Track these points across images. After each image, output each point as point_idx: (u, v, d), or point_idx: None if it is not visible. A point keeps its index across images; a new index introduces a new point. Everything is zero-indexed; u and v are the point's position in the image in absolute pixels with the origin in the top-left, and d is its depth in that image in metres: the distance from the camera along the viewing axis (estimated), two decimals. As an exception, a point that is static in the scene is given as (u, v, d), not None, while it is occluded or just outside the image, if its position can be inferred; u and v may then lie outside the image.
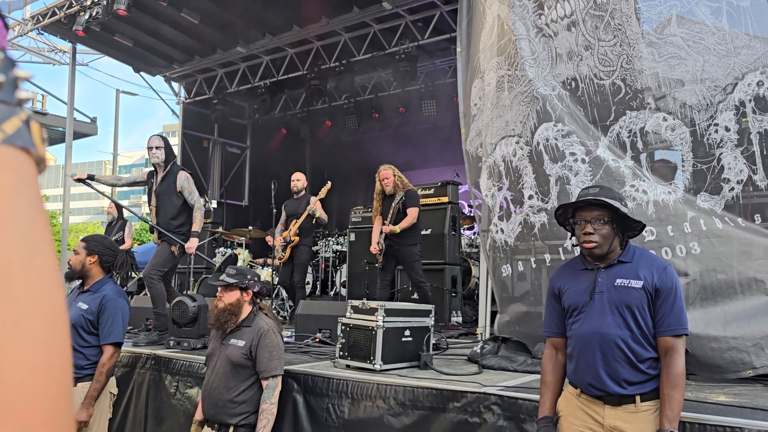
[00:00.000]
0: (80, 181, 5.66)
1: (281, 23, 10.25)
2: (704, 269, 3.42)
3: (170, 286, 5.76)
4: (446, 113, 11.32)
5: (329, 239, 10.01)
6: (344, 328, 4.01)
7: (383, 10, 9.31)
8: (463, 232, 8.66)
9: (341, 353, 3.98)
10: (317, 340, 5.16)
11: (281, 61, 11.43)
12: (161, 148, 5.63)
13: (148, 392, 4.70)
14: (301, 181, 7.86)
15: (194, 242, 5.49)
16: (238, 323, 3.54)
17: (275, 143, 13.94)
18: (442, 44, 10.16)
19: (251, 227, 9.50)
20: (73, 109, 12.02)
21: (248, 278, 3.60)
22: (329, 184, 7.72)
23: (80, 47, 11.82)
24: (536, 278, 4.20)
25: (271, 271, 8.51)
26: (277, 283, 8.47)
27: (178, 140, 12.93)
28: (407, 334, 4.00)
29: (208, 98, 12.51)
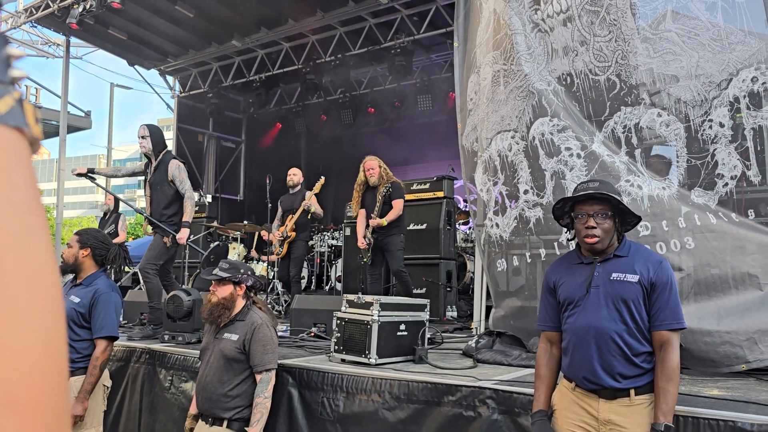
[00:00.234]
0: (81, 175, 5.66)
1: (276, 17, 10.22)
2: (698, 264, 3.44)
3: (170, 277, 5.71)
4: (442, 108, 11.33)
5: (324, 234, 10.01)
6: (339, 322, 4.02)
7: (379, 4, 9.29)
8: (458, 226, 8.67)
9: (336, 347, 3.99)
10: (312, 334, 5.16)
11: (276, 55, 11.39)
12: (147, 137, 5.60)
13: (142, 386, 4.70)
14: (297, 176, 7.89)
15: (185, 233, 5.43)
16: (231, 317, 3.54)
17: (270, 137, 13.91)
18: (437, 39, 10.15)
19: (246, 222, 9.49)
20: (66, 102, 11.96)
21: (241, 272, 3.59)
22: (323, 179, 7.75)
23: (74, 40, 11.74)
24: (531, 273, 4.21)
25: (266, 265, 8.51)
26: (272, 277, 8.47)
27: (172, 134, 12.89)
28: (402, 328, 4.01)
29: (202, 92, 12.47)
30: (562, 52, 4.03)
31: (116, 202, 9.51)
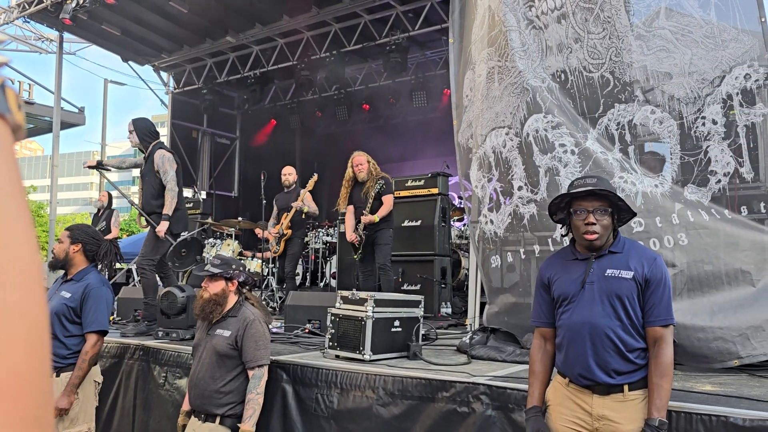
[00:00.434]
0: (92, 167, 5.77)
1: (271, 13, 10.18)
2: (691, 260, 3.45)
3: (168, 272, 5.68)
4: (437, 105, 11.32)
5: (319, 230, 10.00)
6: (334, 318, 4.02)
7: (374, 0, 9.27)
8: (453, 223, 8.67)
9: (331, 343, 3.99)
10: (307, 330, 5.16)
11: (271, 51, 11.36)
12: (132, 131, 5.67)
13: (136, 383, 4.69)
14: (292, 175, 7.95)
15: (163, 225, 5.40)
16: (223, 313, 3.53)
17: (265, 134, 13.88)
18: (432, 35, 10.14)
19: (241, 218, 9.47)
20: (60, 98, 11.90)
21: (233, 268, 3.58)
22: (316, 176, 7.76)
23: (67, 36, 11.68)
24: (525, 269, 4.22)
25: (260, 262, 8.50)
26: (266, 274, 8.47)
27: (167, 130, 12.83)
28: (397, 324, 4.02)
29: (197, 88, 12.42)
30: (556, 49, 4.04)
31: (110, 198, 9.49)
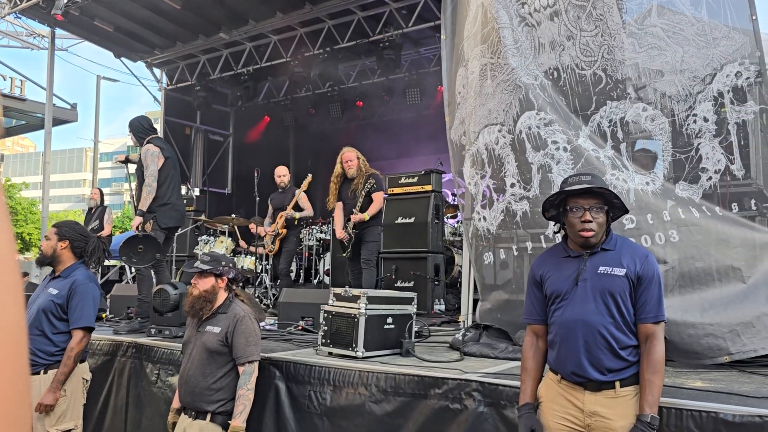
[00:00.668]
0: (122, 162, 6.13)
1: (264, 9, 10.15)
2: (683, 257, 3.47)
3: (162, 268, 5.73)
4: (430, 102, 11.33)
5: (313, 228, 9.99)
6: (327, 315, 4.02)
7: (367, -4, 9.27)
8: (446, 220, 8.68)
9: (323, 341, 3.99)
10: (300, 327, 5.16)
11: (264, 47, 11.32)
12: (130, 131, 5.80)
13: (128, 380, 4.68)
14: (285, 176, 8.04)
15: (136, 220, 5.46)
16: (213, 310, 3.52)
17: (258, 131, 13.84)
18: (426, 32, 10.13)
19: (234, 215, 9.45)
20: (52, 94, 11.83)
21: (223, 264, 3.58)
22: (310, 176, 7.77)
23: (59, 32, 11.61)
24: (518, 266, 4.23)
25: (254, 258, 8.50)
26: (260, 271, 8.46)
27: (160, 127, 12.78)
28: (389, 321, 4.02)
29: (190, 85, 12.38)
30: (549, 46, 4.04)
31: (101, 196, 9.47)
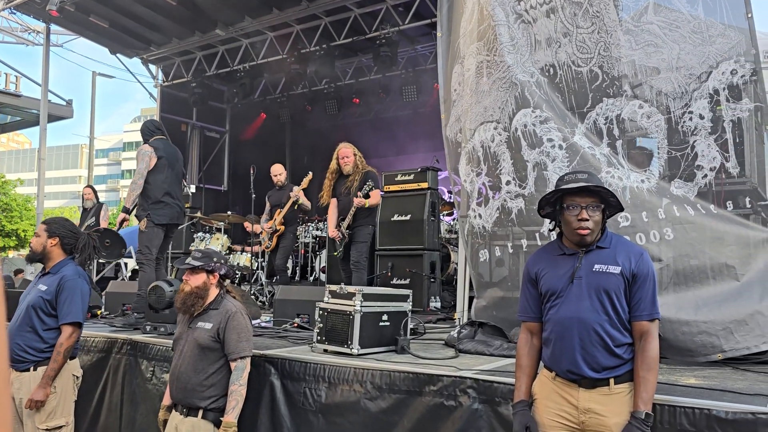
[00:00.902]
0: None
1: (261, 6, 10.12)
2: (677, 255, 3.48)
3: (160, 265, 5.82)
4: (427, 99, 11.31)
5: (309, 225, 9.99)
6: (322, 312, 4.02)
7: (364, -7, 9.26)
8: (442, 217, 8.68)
9: (319, 338, 3.99)
10: (295, 325, 5.16)
11: (261, 44, 11.29)
12: (142, 136, 6.04)
13: (123, 377, 4.67)
14: (282, 174, 8.06)
15: (120, 216, 5.82)
16: (205, 306, 3.52)
17: (255, 128, 13.82)
18: (423, 29, 10.13)
19: (230, 212, 9.44)
20: (47, 91, 11.79)
21: (214, 261, 3.57)
22: (311, 174, 7.76)
23: (54, 28, 11.55)
24: (513, 264, 4.23)
25: (250, 256, 8.49)
26: (256, 268, 8.45)
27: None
28: (385, 318, 4.02)
29: (186, 81, 12.35)
30: (545, 43, 4.04)
31: (95, 194, 9.49)
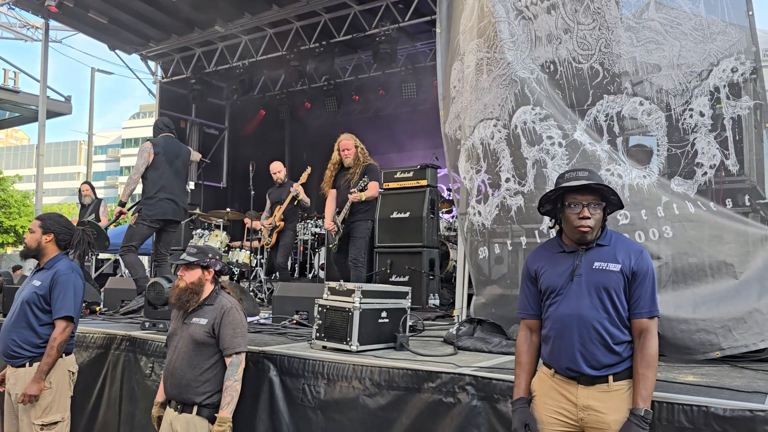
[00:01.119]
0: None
1: (260, 2, 10.10)
2: (676, 253, 3.48)
3: (162, 261, 6.04)
4: (426, 96, 11.29)
5: (308, 222, 9.98)
6: (321, 309, 4.02)
7: (363, -10, 9.23)
8: (441, 215, 8.68)
9: (318, 334, 3.99)
10: (294, 321, 5.16)
11: (260, 41, 11.27)
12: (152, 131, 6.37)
13: (122, 373, 4.67)
14: (281, 171, 8.06)
15: (116, 210, 6.04)
16: (200, 302, 3.51)
17: (254, 125, 13.79)
18: (422, 27, 10.11)
19: (229, 209, 9.43)
20: (46, 86, 11.77)
21: (209, 256, 3.57)
22: (309, 169, 7.76)
23: (53, 23, 11.55)
24: (513, 261, 4.23)
25: (249, 253, 8.48)
26: (255, 265, 8.45)
27: (155, 120, 12.73)
28: (384, 315, 4.02)
29: (185, 78, 12.32)
30: (545, 39, 4.04)
31: (93, 190, 9.49)
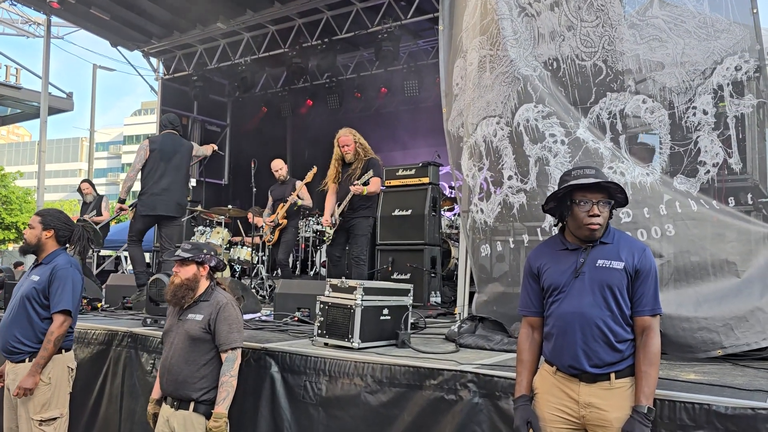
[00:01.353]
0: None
1: (262, -1, 10.09)
2: (678, 251, 3.47)
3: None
4: (429, 94, 11.28)
5: (310, 219, 9.98)
6: (323, 306, 4.02)
7: (366, -12, 9.22)
8: (443, 213, 8.68)
9: (320, 331, 3.99)
10: (296, 318, 5.16)
11: (262, 38, 11.26)
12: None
13: (124, 370, 4.68)
14: (283, 169, 8.06)
15: (116, 207, 6.41)
16: (195, 298, 3.52)
17: (256, 121, 13.78)
18: (424, 24, 10.09)
19: (230, 206, 9.43)
20: (48, 83, 11.78)
21: (204, 252, 3.57)
22: (315, 168, 7.74)
23: (55, 19, 11.54)
24: (514, 259, 4.23)
25: (250, 249, 8.48)
26: (256, 262, 8.45)
27: (156, 117, 12.74)
28: (386, 312, 4.02)
29: (187, 75, 12.31)
30: (548, 36, 4.03)
31: (94, 187, 9.51)
